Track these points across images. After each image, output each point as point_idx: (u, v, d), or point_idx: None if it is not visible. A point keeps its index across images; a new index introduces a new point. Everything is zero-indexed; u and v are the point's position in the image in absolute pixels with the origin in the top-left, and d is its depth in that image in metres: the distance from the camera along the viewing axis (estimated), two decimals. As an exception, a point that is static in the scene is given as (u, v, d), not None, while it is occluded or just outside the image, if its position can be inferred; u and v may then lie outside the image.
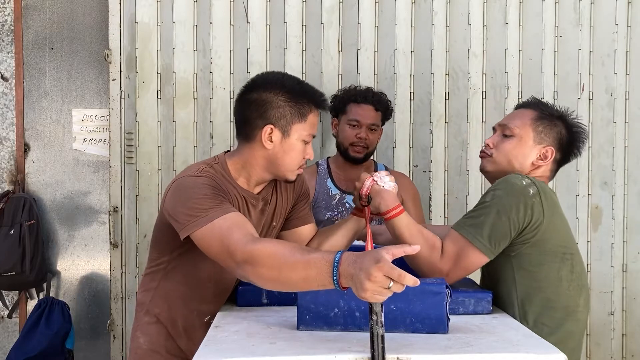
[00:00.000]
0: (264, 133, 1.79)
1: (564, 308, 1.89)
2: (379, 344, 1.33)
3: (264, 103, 1.79)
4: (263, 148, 1.80)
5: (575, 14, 3.20)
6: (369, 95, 2.79)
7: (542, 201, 1.85)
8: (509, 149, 2.01)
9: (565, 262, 1.91)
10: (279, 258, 1.45)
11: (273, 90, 1.80)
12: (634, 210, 3.23)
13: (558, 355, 1.38)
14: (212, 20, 3.14)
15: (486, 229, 1.83)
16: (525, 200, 1.84)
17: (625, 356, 3.24)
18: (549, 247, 1.88)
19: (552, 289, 1.88)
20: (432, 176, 3.20)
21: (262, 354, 1.38)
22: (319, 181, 2.84)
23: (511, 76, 3.19)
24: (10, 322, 3.45)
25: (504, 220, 1.82)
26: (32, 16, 3.42)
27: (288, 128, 1.79)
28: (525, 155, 2.00)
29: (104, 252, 3.43)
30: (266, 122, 1.79)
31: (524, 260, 1.88)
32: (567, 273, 1.90)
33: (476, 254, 1.83)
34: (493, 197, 1.86)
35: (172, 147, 3.14)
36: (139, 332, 1.97)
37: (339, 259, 1.35)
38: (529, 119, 2.03)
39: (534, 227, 1.84)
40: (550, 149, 2.01)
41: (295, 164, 1.84)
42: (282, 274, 1.43)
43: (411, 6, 3.18)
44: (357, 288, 1.30)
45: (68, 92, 3.45)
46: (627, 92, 3.22)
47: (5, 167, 3.44)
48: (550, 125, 2.03)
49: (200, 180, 1.74)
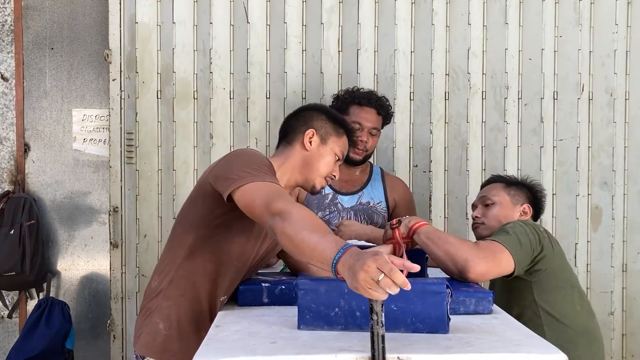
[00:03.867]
0: (306, 135, 2.03)
1: (583, 328, 2.12)
2: (379, 343, 1.33)
3: (310, 116, 2.08)
4: (303, 149, 2.03)
5: (575, 14, 3.20)
6: (372, 98, 2.79)
7: (548, 236, 2.13)
8: (496, 212, 2.34)
9: (574, 290, 2.17)
10: (304, 222, 1.55)
11: (318, 111, 2.11)
12: (634, 210, 3.23)
13: (558, 356, 1.38)
14: (212, 20, 3.14)
15: (515, 240, 2.02)
16: (537, 230, 2.10)
17: (625, 356, 3.24)
18: (561, 276, 2.13)
19: (569, 313, 2.12)
20: (432, 176, 3.20)
21: (262, 354, 1.38)
22: None
23: (511, 76, 3.20)
24: (10, 322, 3.45)
25: (525, 241, 2.03)
26: (32, 16, 3.43)
27: (326, 137, 2.05)
28: (510, 215, 2.32)
29: (104, 252, 3.43)
30: (309, 127, 2.05)
31: (542, 286, 2.10)
32: (578, 299, 2.16)
33: (507, 257, 1.98)
34: (510, 228, 2.07)
35: (172, 147, 3.14)
36: (157, 317, 1.93)
37: (346, 247, 1.41)
38: (500, 187, 2.40)
39: (545, 257, 2.08)
40: (527, 206, 2.36)
41: (326, 171, 2.05)
42: (298, 236, 1.52)
43: (411, 6, 3.18)
44: (351, 279, 1.34)
45: (68, 92, 3.45)
46: (627, 92, 3.23)
47: (5, 167, 3.44)
48: (518, 187, 2.40)
49: (260, 154, 1.93)
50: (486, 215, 2.35)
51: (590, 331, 2.15)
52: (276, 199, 1.66)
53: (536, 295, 2.11)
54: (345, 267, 1.37)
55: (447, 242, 1.94)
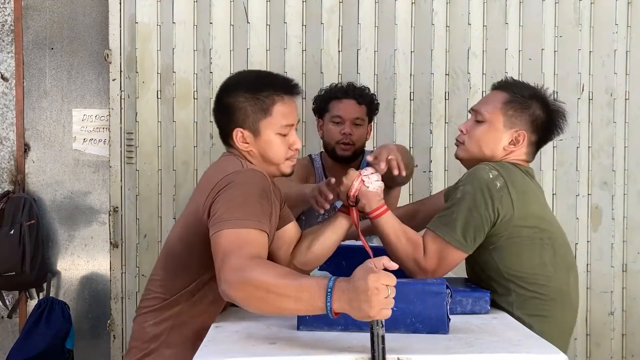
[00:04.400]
0: (235, 137, 1.78)
1: (557, 291, 1.89)
2: (379, 344, 1.33)
3: (227, 108, 1.78)
4: (242, 148, 1.79)
5: (575, 14, 3.20)
6: (349, 89, 2.71)
7: (509, 192, 1.85)
8: (480, 135, 1.99)
9: (546, 247, 1.90)
10: (269, 279, 1.38)
11: (232, 93, 1.79)
12: (634, 210, 3.23)
13: (558, 356, 1.38)
14: (212, 20, 3.14)
15: (459, 227, 1.84)
16: (493, 194, 1.83)
17: (625, 356, 3.24)
18: (525, 235, 1.87)
19: (539, 275, 1.88)
20: (432, 176, 3.20)
21: (262, 354, 1.38)
22: (317, 180, 2.80)
23: (511, 76, 3.19)
24: (10, 322, 3.45)
25: (476, 215, 1.83)
26: (32, 16, 3.42)
27: (256, 127, 1.77)
28: (496, 140, 1.97)
29: (104, 252, 3.43)
30: (234, 126, 1.78)
31: (504, 252, 1.88)
32: (550, 257, 1.90)
33: (455, 252, 1.85)
34: (462, 192, 1.87)
35: (172, 147, 3.14)
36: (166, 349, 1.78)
37: (332, 285, 1.33)
38: (499, 102, 1.98)
39: (504, 219, 1.84)
40: (522, 133, 1.97)
41: (280, 157, 1.80)
42: (271, 294, 1.37)
43: (411, 6, 3.18)
44: (361, 309, 1.29)
45: (68, 92, 3.44)
46: (627, 92, 3.22)
47: (5, 167, 3.44)
48: (521, 108, 1.97)
49: (262, 179, 1.67)
50: (470, 134, 2.01)
51: (563, 293, 1.91)
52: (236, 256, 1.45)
53: (498, 261, 1.88)
54: (344, 303, 1.31)
55: (393, 246, 1.89)
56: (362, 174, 1.92)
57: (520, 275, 1.88)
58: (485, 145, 1.98)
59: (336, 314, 1.34)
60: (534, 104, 1.99)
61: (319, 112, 2.78)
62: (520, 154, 2.00)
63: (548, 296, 1.88)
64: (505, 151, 1.98)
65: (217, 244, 1.52)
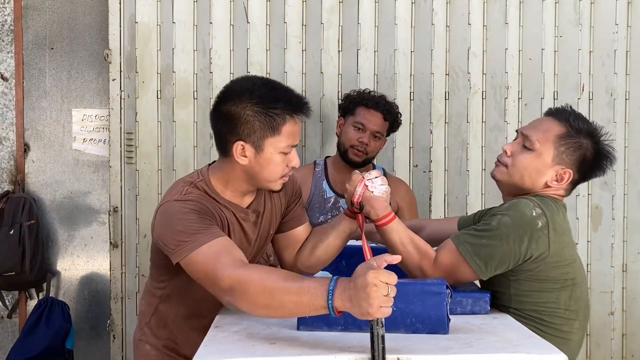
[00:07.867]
0: (235, 150, 1.69)
1: (557, 331, 1.85)
2: (379, 344, 1.33)
3: (233, 117, 1.67)
4: (240, 162, 1.71)
5: (575, 14, 3.20)
6: (380, 102, 2.77)
7: (549, 234, 1.79)
8: (526, 164, 1.89)
9: (565, 289, 1.86)
10: (270, 283, 1.42)
11: (241, 102, 1.67)
12: (634, 210, 3.23)
13: (558, 356, 1.38)
14: (212, 20, 3.14)
15: (485, 252, 1.79)
16: (532, 234, 1.78)
17: (625, 356, 3.24)
18: (552, 276, 1.84)
19: (548, 312, 1.85)
20: (432, 176, 3.20)
21: (262, 355, 1.38)
22: (314, 182, 2.81)
23: (511, 76, 3.19)
24: (10, 322, 3.45)
25: (505, 249, 1.78)
26: (32, 16, 3.42)
27: (260, 143, 1.68)
28: (541, 173, 1.88)
29: (104, 252, 3.43)
30: (237, 138, 1.68)
31: (523, 286, 1.84)
32: (565, 299, 1.86)
33: (469, 272, 1.81)
34: (499, 222, 1.80)
35: (172, 147, 3.14)
36: (148, 345, 1.94)
37: (334, 284, 1.34)
38: (553, 135, 1.88)
39: (537, 259, 1.80)
40: (569, 172, 1.88)
41: (276, 176, 1.74)
42: (275, 299, 1.40)
43: (411, 6, 3.18)
44: (360, 306, 1.29)
45: (68, 92, 3.44)
46: (627, 92, 3.22)
47: (5, 167, 3.44)
48: (575, 146, 1.87)
49: (185, 206, 1.66)
50: (515, 159, 1.90)
51: (562, 333, 1.86)
52: (220, 269, 1.49)
53: (513, 291, 1.84)
54: (345, 301, 1.33)
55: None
56: (366, 178, 1.84)
57: (530, 308, 1.85)
58: (528, 176, 1.89)
59: (339, 312, 1.35)
60: (588, 143, 1.89)
61: (343, 111, 2.84)
62: (559, 189, 1.93)
63: (547, 333, 1.82)
64: (547, 186, 1.91)
65: (194, 270, 1.59)
